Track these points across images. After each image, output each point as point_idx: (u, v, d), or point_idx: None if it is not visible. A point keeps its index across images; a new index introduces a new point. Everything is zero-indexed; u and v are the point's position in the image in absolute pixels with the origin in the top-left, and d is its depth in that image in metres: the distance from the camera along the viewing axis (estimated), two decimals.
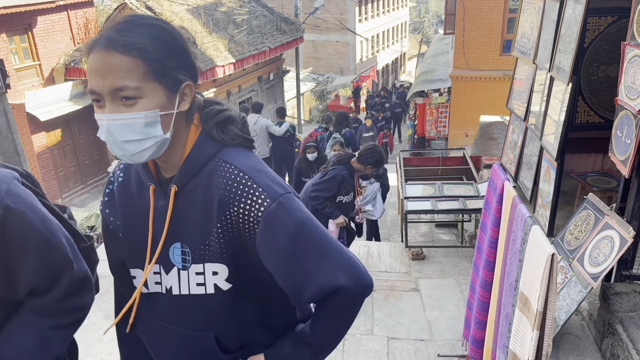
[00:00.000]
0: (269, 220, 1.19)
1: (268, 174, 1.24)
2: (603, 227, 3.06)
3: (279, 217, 1.19)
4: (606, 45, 4.72)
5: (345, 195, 4.58)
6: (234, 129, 1.27)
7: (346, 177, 4.48)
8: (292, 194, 1.23)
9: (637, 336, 2.74)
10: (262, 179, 1.21)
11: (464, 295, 4.65)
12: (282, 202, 1.19)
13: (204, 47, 13.61)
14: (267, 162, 8.56)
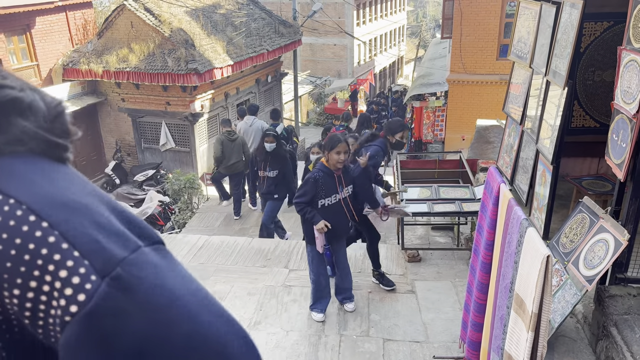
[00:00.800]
0: (90, 325, 0.53)
1: (94, 213, 0.59)
2: (598, 230, 3.08)
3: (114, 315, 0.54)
4: (602, 50, 4.76)
5: (326, 198, 4.25)
6: (23, 124, 0.63)
7: (320, 179, 4.19)
8: (151, 247, 0.59)
9: (631, 339, 2.76)
10: (78, 225, 0.56)
11: (459, 298, 4.67)
12: (121, 277, 0.54)
13: (202, 49, 13.63)
14: None
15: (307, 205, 4.24)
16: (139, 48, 13.73)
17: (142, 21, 13.74)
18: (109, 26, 14.24)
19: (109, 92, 14.84)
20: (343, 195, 4.35)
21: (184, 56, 13.23)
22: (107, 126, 15.39)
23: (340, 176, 4.30)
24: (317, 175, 4.21)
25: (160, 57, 13.55)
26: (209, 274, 5.37)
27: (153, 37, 13.78)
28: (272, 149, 6.58)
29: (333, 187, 4.26)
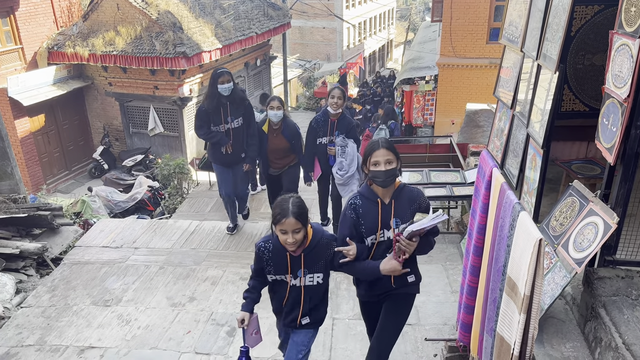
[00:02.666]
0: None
1: None
2: (587, 213, 3.12)
3: None
4: (592, 34, 4.76)
5: (322, 137, 5.38)
6: None
7: (320, 120, 5.36)
8: None
9: (619, 320, 2.81)
10: None
11: (450, 281, 4.72)
12: None
13: (190, 32, 13.47)
14: None
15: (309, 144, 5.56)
16: (125, 31, 13.54)
17: (128, 3, 13.53)
18: (94, 8, 14.00)
19: (95, 76, 14.64)
20: None
21: (171, 39, 13.06)
22: (94, 111, 15.22)
23: None
24: (317, 117, 5.52)
25: (148, 41, 13.37)
26: (201, 259, 5.38)
27: (140, 19, 13.58)
28: (230, 91, 5.22)
29: (326, 130, 5.45)
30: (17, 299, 4.71)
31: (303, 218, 2.74)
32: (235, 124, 5.35)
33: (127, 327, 4.30)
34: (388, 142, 2.91)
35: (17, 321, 4.40)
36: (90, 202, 9.32)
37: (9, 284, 4.79)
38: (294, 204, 2.72)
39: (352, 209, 2.93)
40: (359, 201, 2.95)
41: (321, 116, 5.36)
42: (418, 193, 3.03)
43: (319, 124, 5.35)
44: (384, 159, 2.82)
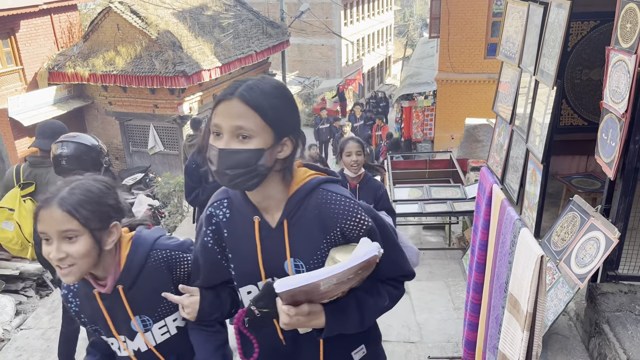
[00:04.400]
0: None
1: None
2: (589, 228, 3.11)
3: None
4: (589, 49, 4.80)
5: None
6: None
7: None
8: None
9: (623, 335, 2.79)
10: None
11: (452, 297, 4.70)
12: None
13: (189, 51, 13.57)
14: None
15: None
16: (125, 51, 13.64)
17: (128, 23, 13.65)
18: (94, 29, 14.13)
19: (95, 95, 14.73)
20: None
21: (171, 58, 13.16)
22: (95, 130, 15.27)
23: None
24: None
25: (148, 60, 13.47)
26: None
27: (140, 39, 13.69)
28: None
29: None
30: (16, 320, 4.68)
31: None
32: None
33: None
34: None
35: (17, 343, 4.37)
36: None
37: (9, 306, 4.76)
38: None
39: None
40: None
41: None
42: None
43: None
44: None
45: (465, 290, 3.93)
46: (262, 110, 1.37)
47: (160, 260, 1.71)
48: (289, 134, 1.45)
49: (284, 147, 1.45)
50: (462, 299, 4.51)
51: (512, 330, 2.22)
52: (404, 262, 1.68)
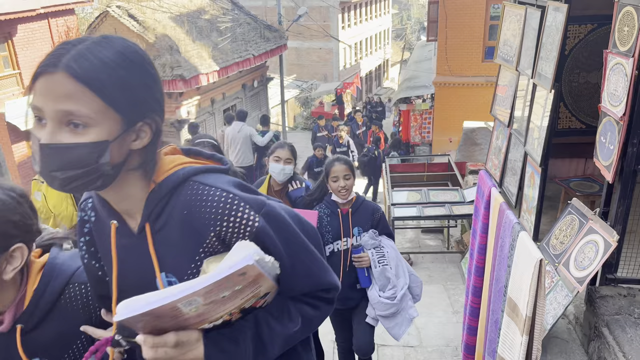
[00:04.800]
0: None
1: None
2: (587, 231, 3.11)
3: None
4: (586, 52, 4.82)
5: (333, 243, 3.19)
6: None
7: (323, 216, 3.24)
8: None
9: (623, 339, 2.78)
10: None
11: (451, 301, 4.69)
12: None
13: (187, 55, 13.56)
14: (250, 171, 8.55)
15: None
16: None
17: (126, 28, 13.65)
18: (92, 33, 14.09)
19: None
20: None
21: (169, 62, 13.15)
22: None
23: None
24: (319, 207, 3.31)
25: None
26: None
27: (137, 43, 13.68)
28: None
29: (337, 226, 3.23)
30: None
31: None
32: None
33: None
34: None
35: None
36: None
37: None
38: None
39: None
40: None
41: (324, 208, 3.26)
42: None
43: (322, 223, 3.22)
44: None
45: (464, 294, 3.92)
46: (101, 87, 0.99)
47: (77, 298, 1.32)
48: (144, 116, 1.09)
49: (140, 134, 1.09)
50: (461, 302, 4.50)
51: (511, 334, 2.21)
52: (323, 272, 1.26)
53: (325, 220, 3.22)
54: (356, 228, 3.19)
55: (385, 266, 3.09)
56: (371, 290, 3.13)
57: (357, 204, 3.24)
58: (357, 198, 3.28)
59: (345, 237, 3.17)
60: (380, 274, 3.08)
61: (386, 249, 3.17)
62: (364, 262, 3.11)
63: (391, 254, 3.15)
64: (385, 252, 3.15)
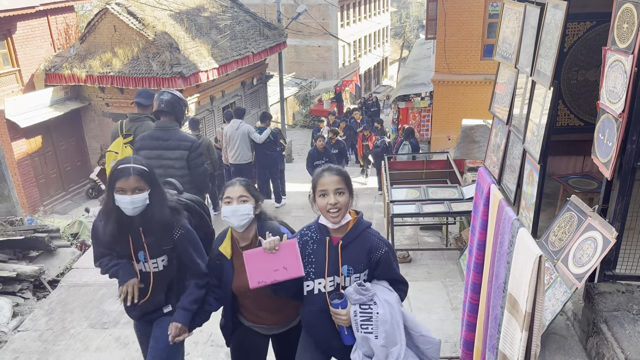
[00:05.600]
0: None
1: None
2: (586, 228, 3.12)
3: None
4: (585, 49, 4.82)
5: (314, 280, 2.47)
6: None
7: (309, 242, 2.51)
8: None
9: (621, 335, 2.80)
10: None
11: (450, 298, 4.70)
12: None
13: (187, 53, 13.56)
14: (249, 168, 8.54)
15: None
16: (122, 52, 13.62)
17: (125, 25, 13.64)
18: (91, 30, 14.11)
19: (92, 96, 14.70)
20: None
21: (168, 60, 13.14)
22: (92, 131, 15.24)
23: None
24: (305, 232, 2.58)
25: (145, 61, 13.45)
26: None
27: (137, 40, 13.68)
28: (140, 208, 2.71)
29: (322, 256, 2.48)
30: (13, 322, 4.66)
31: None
32: (153, 266, 2.75)
33: (125, 349, 4.25)
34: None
35: (14, 345, 4.35)
36: (87, 223, 9.27)
37: (6, 308, 4.74)
38: None
39: None
40: None
41: (309, 232, 2.54)
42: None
43: (305, 251, 2.50)
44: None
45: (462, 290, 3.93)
46: None
47: None
48: None
49: None
50: (460, 299, 4.52)
51: (511, 330, 2.22)
52: None
53: (309, 248, 2.49)
54: (345, 266, 2.42)
55: (368, 334, 2.34)
56: (354, 353, 2.43)
57: (353, 234, 2.44)
58: (357, 225, 2.47)
59: (332, 275, 2.43)
60: (363, 340, 2.37)
61: (378, 308, 2.35)
62: (340, 320, 2.40)
63: (384, 316, 2.35)
64: (375, 313, 2.35)
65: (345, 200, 2.39)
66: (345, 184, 2.41)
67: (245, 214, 2.60)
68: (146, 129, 4.76)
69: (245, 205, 2.60)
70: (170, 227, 2.71)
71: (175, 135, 4.49)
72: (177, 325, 2.70)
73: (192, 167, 4.53)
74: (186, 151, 4.48)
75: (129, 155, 4.34)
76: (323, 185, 2.40)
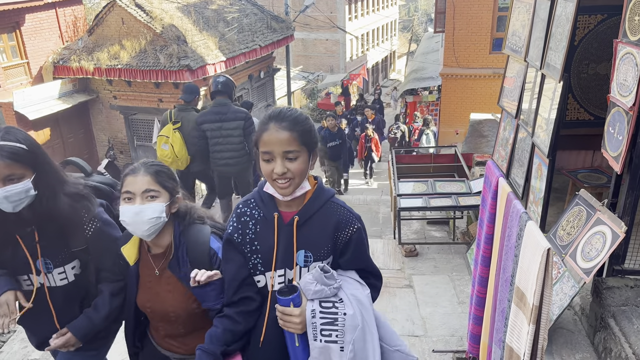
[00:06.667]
0: None
1: None
2: (595, 222, 3.10)
3: None
4: (596, 43, 4.77)
5: (265, 273, 1.80)
6: None
7: (247, 217, 1.82)
8: None
9: (629, 330, 2.78)
10: None
11: (457, 292, 4.70)
12: None
13: (194, 45, 13.56)
14: None
15: None
16: (130, 45, 13.65)
17: (133, 17, 13.65)
18: (99, 23, 14.14)
19: (100, 89, 14.75)
20: None
21: (176, 52, 13.15)
22: (99, 124, 15.30)
23: None
24: (243, 209, 1.85)
25: (152, 54, 13.46)
26: None
27: (144, 33, 13.69)
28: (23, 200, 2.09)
29: (267, 240, 1.80)
30: None
31: None
32: (60, 277, 2.12)
33: None
34: None
35: (23, 335, 4.39)
36: None
37: None
38: None
39: None
40: None
41: (248, 210, 1.83)
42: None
43: (245, 234, 1.81)
44: None
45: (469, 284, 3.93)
46: None
47: None
48: None
49: None
50: (467, 293, 4.51)
51: (519, 324, 2.21)
52: None
53: (250, 232, 1.78)
54: (302, 252, 1.75)
55: (331, 344, 1.64)
56: None
57: (312, 207, 1.76)
58: (317, 194, 1.78)
59: (282, 267, 1.76)
60: (322, 354, 1.65)
61: (346, 307, 1.69)
62: (289, 325, 1.68)
63: (353, 318, 1.69)
64: (341, 314, 1.67)
65: (300, 167, 1.65)
66: (302, 143, 1.65)
67: (153, 218, 1.86)
68: (191, 119, 5.60)
69: (154, 204, 1.87)
70: (77, 222, 2.01)
71: (232, 109, 5.53)
72: (65, 335, 2.07)
73: (247, 135, 5.47)
74: (242, 121, 5.48)
75: (178, 139, 5.47)
76: (267, 144, 1.64)
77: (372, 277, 1.95)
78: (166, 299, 2.01)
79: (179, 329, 2.06)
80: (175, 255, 1.96)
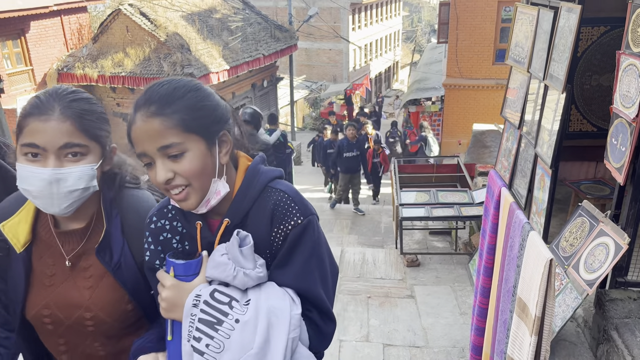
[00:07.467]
0: None
1: None
2: (598, 234, 3.08)
3: None
4: (599, 54, 4.78)
5: None
6: None
7: (166, 232, 1.34)
8: None
9: (632, 342, 2.76)
10: None
11: (459, 302, 4.67)
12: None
13: (198, 54, 13.62)
14: None
15: None
16: (134, 52, 13.72)
17: (137, 26, 13.74)
18: (104, 31, 14.23)
19: (104, 96, 14.81)
20: None
21: (179, 60, 13.21)
22: None
23: None
24: None
25: (156, 62, 13.53)
26: None
27: (149, 41, 13.77)
28: None
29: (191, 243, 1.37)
30: None
31: None
32: None
33: None
34: None
35: None
36: None
37: None
38: None
39: None
40: None
41: (164, 220, 1.34)
42: None
43: (164, 250, 1.31)
44: None
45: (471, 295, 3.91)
46: None
47: None
48: None
49: None
50: (468, 304, 4.49)
51: (520, 335, 2.20)
52: None
53: (169, 249, 1.31)
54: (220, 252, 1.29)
55: (196, 355, 1.16)
56: None
57: (245, 200, 1.26)
58: (248, 182, 1.28)
59: None
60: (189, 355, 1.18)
61: (243, 313, 1.16)
62: (171, 303, 1.21)
63: (244, 332, 1.15)
64: (232, 320, 1.16)
65: (192, 167, 1.16)
66: (186, 129, 1.15)
67: (78, 190, 1.27)
68: None
69: (80, 166, 1.27)
70: None
71: (258, 140, 5.87)
72: None
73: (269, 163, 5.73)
74: None
75: None
76: (137, 144, 1.18)
77: (316, 311, 1.27)
78: (81, 299, 1.33)
79: (97, 347, 1.38)
80: (106, 235, 1.34)
